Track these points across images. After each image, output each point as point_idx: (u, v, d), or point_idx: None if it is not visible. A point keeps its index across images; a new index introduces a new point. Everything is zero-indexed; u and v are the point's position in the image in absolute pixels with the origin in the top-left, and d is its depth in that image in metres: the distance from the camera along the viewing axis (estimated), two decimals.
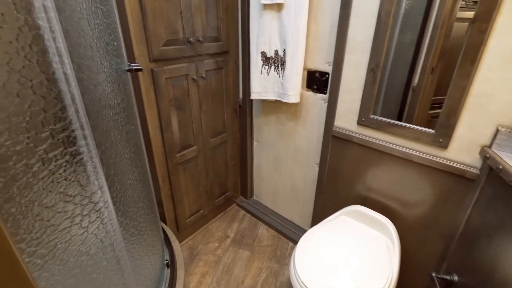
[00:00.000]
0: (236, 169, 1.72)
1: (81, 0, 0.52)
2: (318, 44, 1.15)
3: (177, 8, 1.09)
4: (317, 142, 1.29)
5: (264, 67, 1.27)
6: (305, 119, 1.31)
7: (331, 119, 1.17)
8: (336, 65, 1.09)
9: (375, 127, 1.05)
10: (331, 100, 1.14)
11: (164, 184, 1.29)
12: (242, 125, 1.59)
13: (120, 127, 0.68)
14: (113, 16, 0.68)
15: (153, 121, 1.16)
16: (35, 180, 0.45)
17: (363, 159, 1.13)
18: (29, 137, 0.43)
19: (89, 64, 0.55)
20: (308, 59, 1.20)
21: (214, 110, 1.42)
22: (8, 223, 0.42)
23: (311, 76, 1.22)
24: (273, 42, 1.21)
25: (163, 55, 1.10)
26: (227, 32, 1.34)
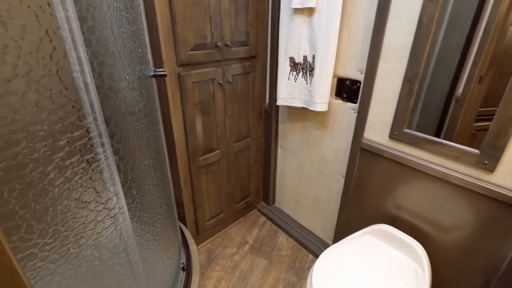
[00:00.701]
0: (258, 174, 1.70)
1: (105, 9, 0.53)
2: (350, 50, 1.08)
3: (206, 12, 1.09)
4: (344, 153, 1.23)
5: (292, 73, 1.23)
6: (332, 128, 1.25)
7: (361, 131, 1.10)
8: (369, 73, 1.01)
9: (409, 142, 0.97)
10: (362, 110, 1.07)
11: (186, 186, 1.30)
12: (267, 131, 1.57)
13: (140, 133, 0.68)
14: (140, 23, 0.69)
15: (178, 125, 1.17)
16: (51, 187, 0.46)
17: (393, 175, 1.05)
18: (46, 145, 0.44)
19: (110, 72, 0.55)
20: (339, 66, 1.13)
21: (239, 115, 1.41)
22: (22, 228, 0.43)
23: (341, 84, 1.15)
24: (302, 47, 1.16)
25: (190, 60, 1.10)
26: (256, 37, 1.31)
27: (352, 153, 1.16)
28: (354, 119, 1.14)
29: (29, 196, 0.43)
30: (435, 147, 0.91)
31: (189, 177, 1.30)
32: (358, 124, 1.10)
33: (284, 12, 1.16)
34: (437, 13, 0.81)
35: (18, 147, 0.41)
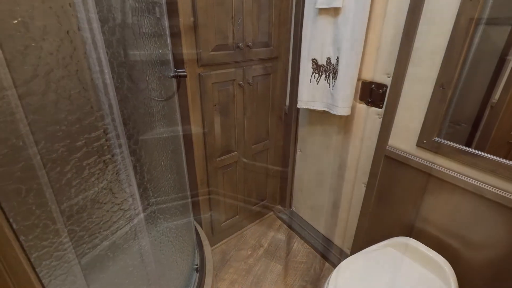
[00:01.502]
0: (276, 177, 1.67)
1: (127, 10, 0.52)
2: (377, 53, 1.03)
3: (228, 13, 1.07)
4: (366, 160, 1.17)
5: (314, 75, 1.19)
6: (355, 134, 1.19)
7: (385, 137, 1.04)
8: (397, 77, 0.96)
9: (439, 151, 0.90)
10: (387, 116, 1.02)
11: (202, 187, 1.30)
12: (286, 134, 1.53)
13: (158, 134, 0.68)
14: (161, 24, 0.68)
15: (197, 125, 1.16)
16: (68, 187, 0.46)
17: (420, 186, 0.98)
18: (64, 146, 0.44)
19: (130, 73, 0.55)
20: (364, 68, 1.08)
21: (258, 117, 1.38)
22: (38, 228, 0.43)
23: (365, 87, 1.10)
24: (326, 49, 1.12)
25: (211, 60, 1.09)
26: (278, 37, 1.29)
27: (375, 160, 1.11)
28: (378, 124, 1.08)
29: (46, 196, 0.44)
30: (468, 158, 0.84)
31: (205, 178, 1.29)
32: (382, 130, 1.05)
33: (308, 12, 1.12)
34: (477, 14, 0.75)
35: (36, 147, 0.41)
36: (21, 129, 0.38)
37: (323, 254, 1.48)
